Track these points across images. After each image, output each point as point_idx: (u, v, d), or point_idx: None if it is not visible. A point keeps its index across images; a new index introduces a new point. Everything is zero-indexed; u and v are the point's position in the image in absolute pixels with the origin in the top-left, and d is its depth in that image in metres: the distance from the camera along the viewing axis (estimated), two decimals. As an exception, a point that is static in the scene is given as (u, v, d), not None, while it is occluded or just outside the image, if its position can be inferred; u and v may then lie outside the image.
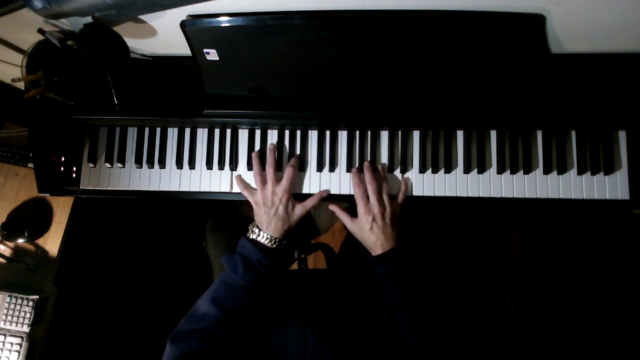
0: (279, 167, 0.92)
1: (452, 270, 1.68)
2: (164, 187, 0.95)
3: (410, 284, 0.80)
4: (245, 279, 0.78)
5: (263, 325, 0.79)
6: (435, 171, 0.91)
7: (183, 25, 0.72)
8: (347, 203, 0.91)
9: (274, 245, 0.82)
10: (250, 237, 0.83)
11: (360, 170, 0.88)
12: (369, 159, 0.91)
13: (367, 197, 0.85)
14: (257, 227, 0.83)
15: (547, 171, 0.89)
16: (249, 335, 0.77)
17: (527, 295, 1.66)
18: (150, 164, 0.95)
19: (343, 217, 0.87)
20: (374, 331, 0.81)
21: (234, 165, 0.93)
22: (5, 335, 1.13)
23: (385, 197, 0.84)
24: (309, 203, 0.86)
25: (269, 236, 0.82)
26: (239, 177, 0.92)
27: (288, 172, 0.86)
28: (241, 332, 0.76)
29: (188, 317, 0.76)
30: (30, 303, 1.13)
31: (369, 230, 0.83)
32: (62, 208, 1.19)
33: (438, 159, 0.91)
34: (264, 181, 0.87)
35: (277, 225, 0.83)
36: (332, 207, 0.90)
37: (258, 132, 0.94)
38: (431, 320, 0.78)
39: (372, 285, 0.92)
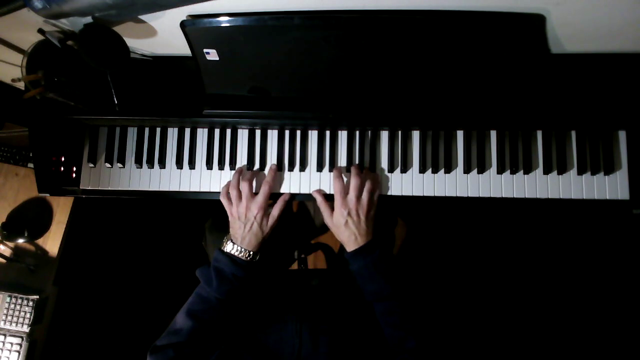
0: (278, 167, 0.92)
1: (453, 270, 1.68)
2: (164, 187, 0.95)
3: (386, 278, 0.80)
4: (219, 292, 0.80)
5: (259, 325, 0.80)
6: (435, 171, 0.91)
7: (183, 25, 0.72)
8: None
9: (248, 258, 0.83)
10: (225, 249, 0.84)
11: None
12: (369, 159, 0.91)
13: (345, 193, 0.85)
14: (231, 241, 0.84)
15: (547, 171, 0.89)
16: (241, 336, 0.78)
17: (527, 296, 1.66)
18: (150, 164, 0.95)
19: (324, 208, 0.87)
20: (370, 331, 0.81)
21: (234, 165, 0.93)
22: (5, 335, 1.13)
23: (365, 194, 0.84)
24: (276, 212, 0.87)
25: (242, 250, 0.83)
26: (226, 186, 0.91)
27: (264, 188, 0.86)
28: (223, 338, 0.78)
29: (167, 331, 0.78)
30: (30, 303, 1.13)
31: (344, 225, 0.83)
32: (62, 208, 1.19)
33: (438, 159, 0.91)
34: (239, 196, 0.87)
35: (250, 240, 0.84)
36: (316, 195, 0.89)
37: (258, 132, 0.94)
38: (408, 312, 0.78)
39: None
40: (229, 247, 0.84)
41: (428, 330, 0.77)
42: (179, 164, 0.95)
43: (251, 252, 0.83)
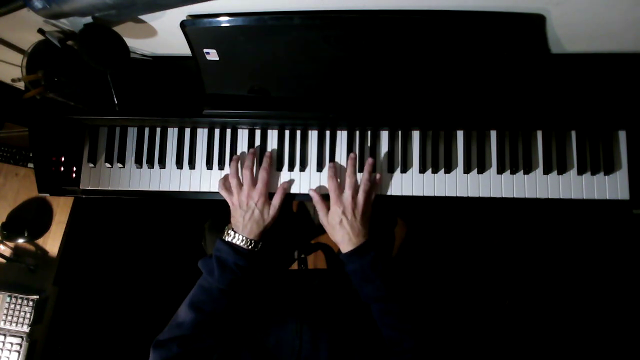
0: (278, 167, 0.92)
1: (453, 270, 1.68)
2: (164, 187, 0.95)
3: (382, 279, 0.79)
4: (221, 282, 0.79)
5: (259, 325, 0.80)
6: (435, 171, 0.91)
7: (183, 25, 0.72)
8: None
9: (250, 247, 0.83)
10: (226, 239, 0.84)
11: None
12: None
13: (340, 191, 0.85)
14: (233, 230, 0.84)
15: (547, 171, 0.89)
16: (241, 335, 0.78)
17: (527, 295, 1.66)
18: (150, 164, 0.95)
19: (320, 207, 0.87)
20: (370, 331, 0.81)
21: (234, 165, 0.93)
22: (5, 335, 1.13)
23: (360, 194, 0.84)
24: (276, 201, 0.87)
25: (244, 238, 0.83)
26: (224, 177, 0.91)
27: (262, 175, 0.87)
28: (225, 334, 0.77)
29: (169, 325, 0.77)
30: (30, 303, 1.13)
31: (339, 224, 0.83)
32: (62, 208, 1.19)
33: (438, 159, 0.91)
34: (240, 184, 0.87)
35: (252, 228, 0.84)
36: (312, 194, 0.89)
37: (258, 132, 0.94)
38: (406, 313, 0.78)
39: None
40: (230, 236, 0.83)
41: (426, 330, 0.77)
42: (179, 164, 0.95)
43: (253, 241, 0.83)
